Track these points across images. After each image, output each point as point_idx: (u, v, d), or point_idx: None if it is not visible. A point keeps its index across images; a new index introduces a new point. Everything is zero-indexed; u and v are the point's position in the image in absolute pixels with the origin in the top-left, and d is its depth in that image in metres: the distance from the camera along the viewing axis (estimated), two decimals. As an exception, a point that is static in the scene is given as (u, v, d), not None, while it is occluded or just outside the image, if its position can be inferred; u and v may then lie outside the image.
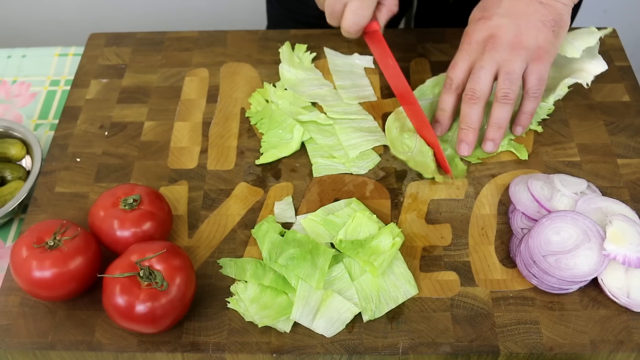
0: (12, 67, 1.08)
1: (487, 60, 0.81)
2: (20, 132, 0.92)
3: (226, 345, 0.71)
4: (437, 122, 0.87)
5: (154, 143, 0.89)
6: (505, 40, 0.81)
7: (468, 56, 0.83)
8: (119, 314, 0.68)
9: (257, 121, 0.91)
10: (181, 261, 0.70)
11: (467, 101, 0.83)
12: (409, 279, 0.75)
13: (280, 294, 0.73)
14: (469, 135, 0.84)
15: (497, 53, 0.81)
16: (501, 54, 0.81)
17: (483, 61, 0.81)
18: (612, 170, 0.85)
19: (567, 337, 0.71)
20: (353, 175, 0.85)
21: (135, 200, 0.74)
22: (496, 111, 0.82)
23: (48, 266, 0.69)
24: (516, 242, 0.77)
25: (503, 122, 0.83)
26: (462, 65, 0.84)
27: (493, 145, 0.84)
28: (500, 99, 0.81)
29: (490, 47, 0.81)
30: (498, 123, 0.83)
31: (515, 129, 0.87)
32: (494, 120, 0.83)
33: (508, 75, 0.80)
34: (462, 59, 0.84)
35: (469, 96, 0.82)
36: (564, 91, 0.88)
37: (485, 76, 0.81)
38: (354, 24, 0.86)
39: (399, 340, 0.71)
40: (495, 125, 0.83)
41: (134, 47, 1.02)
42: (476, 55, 0.82)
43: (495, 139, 0.84)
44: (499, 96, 0.81)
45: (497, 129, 0.83)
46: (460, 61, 0.84)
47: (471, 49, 0.83)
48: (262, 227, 0.78)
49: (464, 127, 0.84)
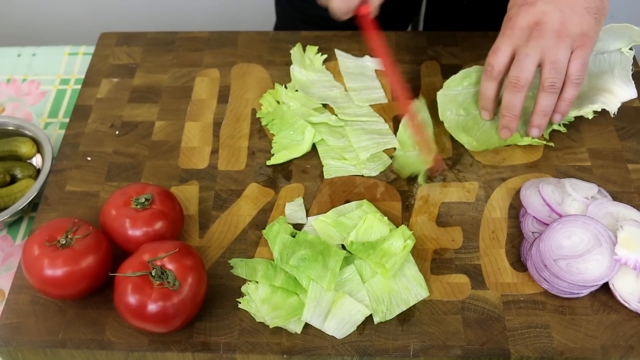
0: (23, 65, 1.08)
1: (532, 47, 0.80)
2: (30, 131, 0.93)
3: (237, 345, 0.71)
4: (483, 109, 0.88)
5: (164, 143, 0.90)
6: (551, 27, 0.80)
7: (511, 42, 0.82)
8: (130, 313, 0.68)
9: (268, 122, 0.91)
10: (193, 261, 0.70)
11: (511, 89, 0.82)
12: (420, 281, 0.75)
13: (291, 294, 0.74)
14: (512, 123, 0.84)
15: (542, 40, 0.80)
16: (546, 41, 0.80)
17: (528, 49, 0.80)
18: (622, 175, 0.85)
19: (578, 341, 0.71)
20: (364, 177, 0.85)
21: (147, 200, 0.75)
22: (543, 100, 0.82)
23: (60, 264, 0.70)
24: (527, 245, 0.77)
25: (549, 110, 0.83)
26: (504, 52, 0.82)
27: (539, 131, 0.85)
28: (547, 88, 0.81)
29: (536, 35, 0.80)
30: (544, 111, 0.83)
31: (554, 117, 0.86)
32: (540, 109, 0.83)
33: (554, 65, 0.80)
34: (504, 44, 0.82)
35: (513, 84, 0.82)
36: (589, 115, 0.87)
37: (530, 64, 0.80)
38: (342, 5, 0.84)
39: (409, 343, 0.71)
40: (541, 113, 0.84)
41: (144, 46, 1.02)
42: (520, 42, 0.81)
43: (542, 125, 0.85)
44: (545, 85, 0.81)
45: (543, 116, 0.84)
46: (502, 47, 0.83)
47: (514, 35, 0.82)
48: (273, 227, 0.79)
49: (507, 114, 0.84)
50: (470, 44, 1.01)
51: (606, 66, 0.89)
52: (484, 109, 0.87)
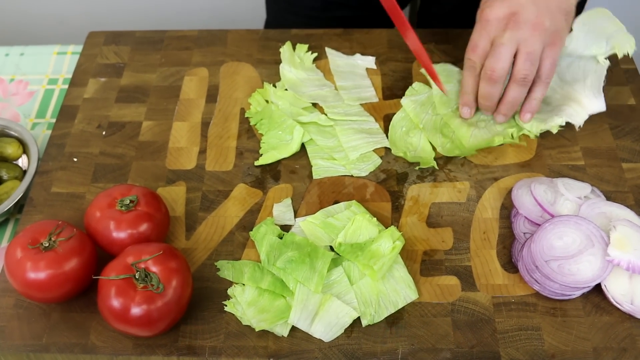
0: (10, 65, 1.08)
1: (508, 38, 0.80)
2: (16, 131, 0.92)
3: (223, 349, 0.70)
4: (465, 105, 0.87)
5: (152, 143, 0.89)
6: (527, 18, 0.80)
7: (487, 34, 0.82)
8: (114, 317, 0.68)
9: (257, 122, 0.91)
10: (178, 263, 0.70)
11: (486, 80, 0.82)
12: (409, 283, 0.74)
13: (278, 297, 0.73)
14: (489, 113, 0.87)
15: (518, 31, 0.80)
16: (523, 32, 0.80)
17: (504, 39, 0.80)
18: (616, 175, 0.84)
19: (570, 343, 0.70)
20: (353, 177, 0.85)
21: (131, 201, 0.74)
22: (512, 91, 0.82)
23: (43, 267, 0.69)
24: (518, 246, 0.77)
25: (517, 102, 0.84)
26: (482, 46, 0.83)
27: (505, 118, 0.86)
28: (519, 80, 0.81)
29: (512, 25, 0.80)
30: (512, 102, 0.84)
31: (523, 116, 0.86)
32: (509, 99, 0.83)
33: (529, 56, 0.80)
34: (481, 38, 0.83)
35: (489, 75, 0.82)
36: (553, 129, 0.86)
37: (506, 53, 0.80)
38: None
39: (398, 346, 0.70)
40: (509, 103, 0.84)
41: (133, 45, 1.02)
42: (496, 33, 0.81)
43: (508, 114, 0.86)
44: (518, 77, 0.81)
45: (510, 107, 0.84)
46: (480, 42, 0.83)
47: (490, 27, 0.82)
48: (261, 229, 0.78)
49: (484, 103, 0.85)
50: (463, 41, 0.99)
51: (580, 75, 0.88)
52: (465, 104, 0.87)
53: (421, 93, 0.92)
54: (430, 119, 0.89)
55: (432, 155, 0.86)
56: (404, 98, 0.91)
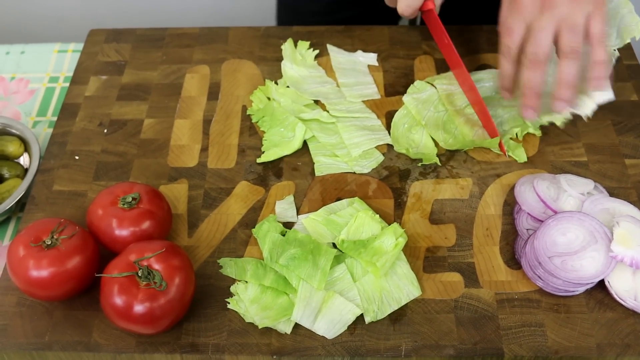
0: (11, 63, 1.08)
1: (546, 20, 0.78)
2: (18, 130, 0.92)
3: (226, 346, 0.71)
4: (503, 89, 0.86)
5: (153, 141, 0.89)
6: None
7: (522, 18, 0.80)
8: (116, 315, 0.68)
9: (259, 119, 0.91)
10: (180, 261, 0.70)
11: (529, 66, 0.80)
12: (412, 280, 0.74)
13: (281, 294, 0.73)
14: (533, 100, 0.82)
15: (556, 10, 0.78)
16: (560, 9, 0.78)
17: (542, 22, 0.78)
18: (619, 171, 0.84)
19: (573, 340, 0.70)
20: (356, 174, 0.85)
21: (134, 199, 0.74)
22: (566, 68, 0.79)
23: (45, 265, 0.69)
24: (521, 243, 0.77)
25: (574, 79, 0.79)
26: (518, 30, 0.80)
27: (565, 104, 0.81)
28: (568, 54, 0.78)
29: (548, 5, 0.78)
30: (570, 81, 0.79)
31: (593, 84, 0.81)
32: (564, 78, 0.79)
33: (572, 28, 0.77)
34: (516, 22, 0.80)
35: (531, 60, 0.79)
36: (558, 121, 0.85)
37: (547, 37, 0.78)
38: (407, 7, 0.87)
39: (401, 343, 0.71)
40: (565, 83, 0.79)
41: (134, 43, 1.02)
42: (532, 16, 0.79)
43: (568, 97, 0.81)
44: (566, 51, 0.78)
45: (568, 87, 0.80)
46: (515, 26, 0.80)
47: (525, 10, 0.80)
48: (263, 226, 0.78)
49: (528, 92, 0.81)
50: (465, 38, 1.01)
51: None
52: (504, 88, 0.86)
53: (423, 91, 0.92)
54: (432, 115, 0.89)
55: (434, 151, 0.86)
56: (405, 95, 0.91)
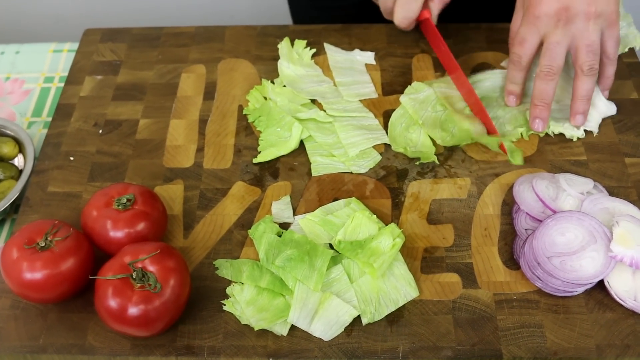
0: (6, 63, 1.07)
1: (562, 34, 0.80)
2: (12, 130, 0.92)
3: (221, 348, 0.70)
4: (510, 94, 0.88)
5: (149, 141, 0.89)
6: (580, 10, 0.79)
7: (537, 30, 0.82)
8: (111, 317, 0.67)
9: (255, 119, 0.90)
10: (175, 262, 0.69)
11: (543, 77, 0.82)
12: (410, 280, 0.74)
13: (277, 296, 0.73)
14: (544, 112, 0.84)
15: (572, 25, 0.80)
16: (577, 25, 0.80)
17: (558, 36, 0.80)
18: (619, 170, 0.84)
19: (572, 341, 0.70)
20: (353, 174, 0.84)
21: (128, 200, 0.74)
22: (584, 84, 0.82)
23: (39, 268, 0.69)
24: (520, 243, 0.76)
25: (590, 94, 0.83)
26: (531, 42, 0.82)
27: (583, 118, 0.85)
28: (587, 71, 0.81)
29: (564, 20, 0.80)
30: (587, 95, 0.83)
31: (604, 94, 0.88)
32: (582, 93, 0.83)
33: (590, 48, 0.80)
34: (531, 34, 0.82)
35: (546, 72, 0.82)
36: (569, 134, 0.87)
37: (562, 51, 0.81)
38: (403, 19, 0.90)
39: (399, 344, 0.70)
40: (583, 98, 0.83)
41: (129, 42, 1.01)
42: (547, 29, 0.81)
43: (585, 111, 0.85)
44: (584, 69, 0.81)
45: (585, 102, 0.84)
46: (529, 37, 0.82)
47: (540, 23, 0.81)
48: (259, 227, 0.78)
49: (539, 103, 0.84)
50: (463, 36, 1.00)
51: None
52: (512, 94, 0.87)
53: (420, 91, 0.91)
54: (430, 115, 0.88)
55: (432, 150, 0.85)
56: (402, 96, 0.91)
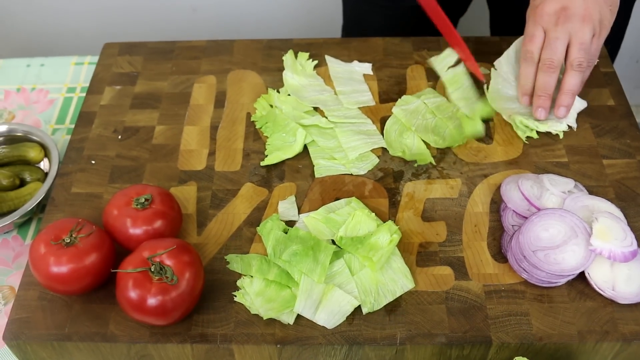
0: (31, 75, 1.08)
1: (561, 31, 0.82)
2: (38, 136, 0.93)
3: (233, 336, 0.71)
4: (524, 94, 0.88)
5: (164, 146, 0.90)
6: (577, 12, 0.82)
7: (541, 27, 0.84)
8: (131, 307, 0.68)
9: (262, 125, 0.91)
10: (190, 257, 0.70)
11: (545, 70, 0.84)
12: (406, 273, 0.75)
13: (284, 288, 0.74)
14: (547, 102, 0.86)
15: (570, 24, 0.82)
16: (573, 25, 0.82)
17: (557, 32, 0.83)
18: (598, 170, 0.85)
19: (556, 327, 0.71)
20: (353, 175, 0.85)
21: (147, 200, 0.75)
22: (571, 78, 0.84)
23: (65, 262, 0.70)
24: (507, 238, 0.77)
25: (577, 88, 0.84)
26: (539, 37, 0.84)
27: (566, 110, 0.85)
28: (575, 67, 0.83)
29: (563, 19, 0.82)
30: (572, 90, 0.84)
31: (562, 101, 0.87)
32: (568, 87, 0.84)
33: (582, 46, 0.82)
34: (537, 30, 0.85)
35: (548, 65, 0.83)
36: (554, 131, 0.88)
37: (562, 46, 0.83)
38: None
39: (396, 332, 0.71)
40: (569, 92, 0.84)
41: (145, 55, 1.02)
42: (548, 26, 0.84)
43: (569, 104, 0.85)
44: (574, 65, 0.83)
45: (570, 96, 0.85)
46: (535, 32, 0.85)
47: (544, 21, 0.84)
48: (267, 224, 0.79)
49: (542, 94, 0.85)
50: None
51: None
52: (525, 93, 0.88)
53: (410, 103, 0.92)
54: (421, 123, 0.89)
55: (428, 152, 0.86)
56: (394, 107, 0.92)
